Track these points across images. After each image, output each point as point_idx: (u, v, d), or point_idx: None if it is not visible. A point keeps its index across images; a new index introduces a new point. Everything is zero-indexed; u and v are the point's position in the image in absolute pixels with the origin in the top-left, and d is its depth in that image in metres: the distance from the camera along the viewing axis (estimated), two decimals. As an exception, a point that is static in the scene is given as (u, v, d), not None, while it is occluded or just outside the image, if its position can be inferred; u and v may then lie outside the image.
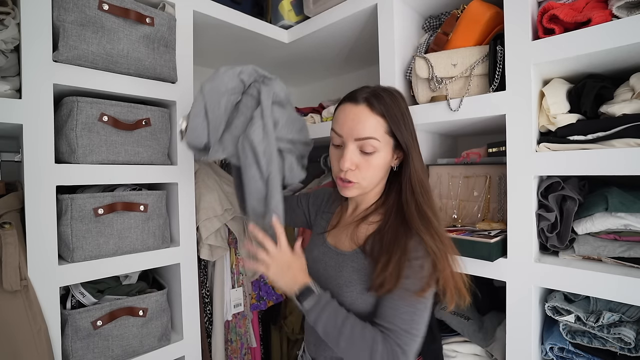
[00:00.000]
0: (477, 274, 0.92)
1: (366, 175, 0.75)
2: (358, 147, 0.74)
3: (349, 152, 0.73)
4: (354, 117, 0.73)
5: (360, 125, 0.72)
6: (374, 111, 0.72)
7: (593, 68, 0.85)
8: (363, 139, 0.72)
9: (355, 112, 0.73)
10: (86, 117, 0.93)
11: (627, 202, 0.78)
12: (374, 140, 0.72)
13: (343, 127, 0.74)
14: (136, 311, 1.01)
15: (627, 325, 0.76)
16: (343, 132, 0.74)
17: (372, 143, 0.72)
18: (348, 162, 0.73)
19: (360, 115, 0.73)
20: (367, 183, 0.76)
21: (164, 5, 1.10)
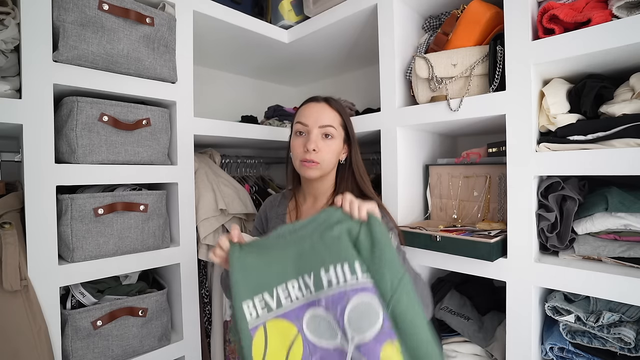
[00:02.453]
0: (477, 274, 0.92)
1: (325, 157, 0.91)
2: (321, 132, 0.91)
3: (314, 135, 0.90)
4: (317, 110, 0.93)
5: (323, 115, 0.92)
6: (332, 107, 0.94)
7: (593, 68, 0.85)
8: (325, 126, 0.91)
9: (318, 107, 0.94)
10: (86, 117, 0.93)
11: (627, 202, 0.78)
12: (333, 128, 0.92)
13: (309, 118, 0.92)
14: (136, 311, 1.01)
15: (627, 325, 0.76)
16: (309, 121, 0.91)
17: (330, 130, 0.91)
18: (313, 144, 0.89)
19: (322, 109, 0.93)
20: (326, 165, 0.92)
21: (164, 5, 1.10)
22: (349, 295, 0.60)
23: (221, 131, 1.26)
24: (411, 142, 1.15)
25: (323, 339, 0.62)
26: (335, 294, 0.61)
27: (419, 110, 1.05)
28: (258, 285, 0.64)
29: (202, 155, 1.44)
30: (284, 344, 0.63)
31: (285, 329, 0.63)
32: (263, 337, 0.63)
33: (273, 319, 0.64)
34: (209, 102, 1.73)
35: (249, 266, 0.66)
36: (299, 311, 0.64)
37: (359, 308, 0.59)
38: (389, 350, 0.56)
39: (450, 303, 1.08)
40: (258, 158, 1.76)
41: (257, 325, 0.63)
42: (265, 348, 0.62)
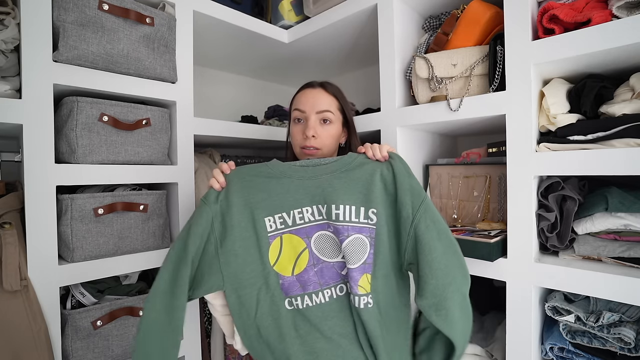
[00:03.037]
0: (477, 274, 0.92)
1: (325, 142, 0.91)
2: (318, 118, 0.91)
3: (312, 122, 0.90)
4: (314, 96, 0.92)
5: (320, 101, 0.91)
6: (328, 92, 0.93)
7: (593, 68, 0.85)
8: (322, 111, 0.90)
9: (314, 92, 0.93)
10: (86, 117, 0.93)
11: (627, 202, 0.78)
12: (330, 112, 0.91)
13: (306, 104, 0.92)
14: (136, 311, 1.01)
15: (627, 325, 0.76)
16: (306, 108, 0.91)
17: (328, 115, 0.91)
18: (312, 130, 0.89)
19: (318, 94, 0.92)
20: (326, 150, 0.92)
21: (164, 5, 1.10)
22: (349, 231, 0.75)
23: (221, 131, 1.26)
24: (411, 142, 1.15)
25: (325, 255, 0.79)
26: (340, 226, 0.75)
27: (419, 110, 1.05)
28: (277, 207, 0.79)
29: (202, 155, 1.44)
30: (295, 253, 0.79)
31: (296, 242, 0.79)
32: (279, 245, 0.79)
33: (288, 233, 0.79)
34: (209, 102, 1.73)
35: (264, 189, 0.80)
36: (309, 230, 0.79)
37: (353, 242, 0.75)
38: (366, 277, 0.74)
39: (450, 303, 1.08)
40: (258, 158, 1.76)
41: (275, 235, 0.79)
42: (279, 253, 0.79)
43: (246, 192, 0.80)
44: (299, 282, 0.78)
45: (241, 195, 0.79)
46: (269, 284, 0.77)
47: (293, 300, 0.78)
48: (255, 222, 0.78)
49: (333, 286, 0.78)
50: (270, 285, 0.77)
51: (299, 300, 0.78)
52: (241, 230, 0.78)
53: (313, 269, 0.79)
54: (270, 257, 0.78)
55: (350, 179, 0.78)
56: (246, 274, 0.77)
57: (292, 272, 0.79)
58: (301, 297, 0.78)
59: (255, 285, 0.77)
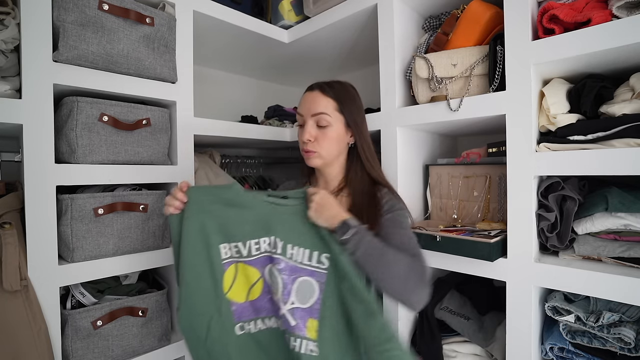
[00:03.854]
0: (477, 273, 0.92)
1: (323, 145, 0.90)
2: (315, 121, 0.90)
3: (308, 126, 0.90)
4: (310, 99, 0.91)
5: (315, 104, 0.90)
6: (325, 94, 0.90)
7: (593, 68, 0.85)
8: (317, 114, 0.89)
9: (311, 96, 0.92)
10: (86, 117, 0.93)
11: (627, 202, 0.78)
12: (326, 115, 0.89)
13: (303, 107, 0.92)
14: (136, 311, 1.01)
15: (627, 325, 0.76)
16: (303, 111, 0.91)
17: (324, 118, 0.89)
18: (307, 134, 0.89)
19: (315, 97, 0.91)
20: (326, 153, 0.91)
21: (164, 5, 1.10)
22: (301, 272, 0.78)
23: (221, 131, 1.26)
24: (411, 142, 1.15)
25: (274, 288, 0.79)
26: (293, 265, 0.78)
27: (419, 110, 1.05)
28: (236, 235, 0.80)
29: (202, 155, 1.44)
30: (249, 282, 0.81)
31: (251, 273, 0.81)
32: (234, 272, 0.80)
33: (242, 263, 0.81)
34: (209, 102, 1.73)
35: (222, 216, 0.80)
36: (264, 260, 0.80)
37: (305, 284, 0.77)
38: (312, 323, 0.76)
39: (450, 303, 1.08)
40: (258, 158, 1.76)
41: (229, 262, 0.80)
42: (234, 279, 0.80)
43: (202, 217, 0.79)
44: (252, 307, 0.80)
45: (197, 220, 0.79)
46: (221, 311, 0.78)
47: (245, 324, 0.79)
48: (210, 248, 0.78)
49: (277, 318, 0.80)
50: (222, 312, 0.78)
51: (252, 325, 0.80)
52: (195, 256, 0.78)
53: (267, 296, 0.81)
54: (224, 284, 0.79)
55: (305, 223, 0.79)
56: (197, 302, 0.78)
57: (246, 297, 0.81)
58: (254, 321, 0.80)
59: (207, 314, 0.77)
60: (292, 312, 0.76)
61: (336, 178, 0.96)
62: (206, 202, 0.80)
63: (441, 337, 1.06)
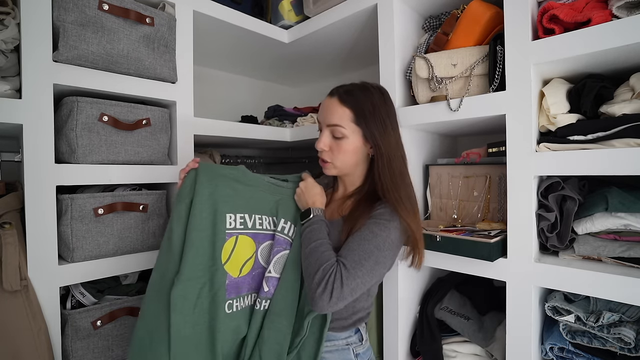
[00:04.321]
0: (477, 273, 0.92)
1: (338, 156, 0.87)
2: (330, 132, 0.87)
3: (324, 136, 0.88)
4: (327, 107, 0.88)
5: (330, 114, 0.86)
6: (343, 103, 0.85)
7: (593, 68, 0.85)
8: (332, 125, 0.86)
9: (328, 103, 0.88)
10: (86, 117, 0.93)
11: (627, 202, 0.78)
12: (341, 127, 0.85)
13: (320, 115, 0.90)
14: (136, 311, 1.01)
15: (627, 325, 0.76)
16: (320, 119, 0.90)
17: (339, 130, 0.85)
18: (321, 144, 0.87)
19: (331, 106, 0.87)
20: (340, 164, 0.88)
21: (164, 5, 1.10)
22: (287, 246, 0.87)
23: (221, 131, 1.26)
24: (411, 142, 1.15)
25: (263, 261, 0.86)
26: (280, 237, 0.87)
27: (419, 110, 1.05)
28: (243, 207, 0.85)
29: (202, 155, 1.44)
30: (245, 255, 0.84)
31: (249, 245, 0.85)
32: (233, 244, 0.82)
33: (245, 234, 0.84)
34: (209, 102, 1.73)
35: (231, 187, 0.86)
36: (263, 237, 0.86)
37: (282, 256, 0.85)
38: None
39: (450, 303, 1.08)
40: (258, 158, 1.76)
41: (232, 233, 0.82)
42: (231, 252, 0.82)
43: (213, 185, 0.83)
44: (239, 285, 0.83)
45: (207, 187, 0.82)
46: (213, 281, 0.78)
47: (234, 302, 0.81)
48: (216, 215, 0.81)
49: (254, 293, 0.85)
50: (215, 283, 0.78)
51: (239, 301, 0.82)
52: (201, 220, 0.79)
53: (252, 273, 0.85)
54: (223, 253, 0.80)
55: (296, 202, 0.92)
56: (194, 266, 0.77)
57: (239, 272, 0.83)
58: (237, 299, 0.82)
59: (200, 280, 0.77)
60: (267, 280, 0.83)
61: (354, 185, 0.94)
62: (217, 174, 0.86)
63: (441, 337, 1.06)
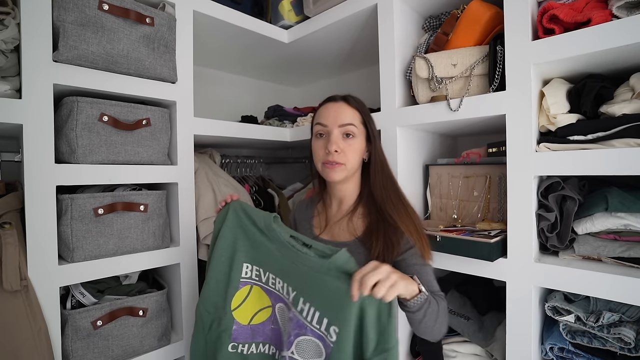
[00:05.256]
0: (477, 274, 0.92)
1: (349, 156, 0.87)
2: (341, 132, 0.88)
3: (335, 136, 0.87)
4: (336, 109, 0.89)
5: (342, 114, 0.88)
6: (351, 105, 0.90)
7: (593, 68, 0.85)
8: (345, 125, 0.87)
9: (336, 106, 0.90)
10: (86, 117, 0.93)
11: (627, 202, 0.78)
12: (353, 126, 0.88)
13: (328, 118, 0.89)
14: (136, 311, 1.01)
15: (627, 325, 0.76)
16: (328, 122, 0.88)
17: (351, 129, 0.87)
18: (335, 145, 0.86)
19: (341, 108, 0.89)
20: (350, 165, 0.88)
21: (164, 5, 1.10)
22: (307, 331, 0.72)
23: (221, 131, 1.26)
24: (411, 142, 1.15)
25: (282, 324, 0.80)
26: (300, 319, 0.73)
27: (419, 110, 1.05)
28: (260, 261, 0.82)
29: (202, 155, 1.44)
30: (259, 305, 0.82)
31: (263, 298, 0.82)
32: (246, 293, 0.82)
33: (259, 286, 0.83)
34: (209, 102, 1.73)
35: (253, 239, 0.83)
36: (276, 297, 0.81)
37: (310, 344, 0.72)
38: None
39: (450, 303, 1.08)
40: (258, 158, 1.76)
41: (246, 282, 0.82)
42: (243, 300, 0.82)
43: (239, 231, 0.84)
44: (252, 331, 0.83)
45: (232, 231, 0.84)
46: (221, 322, 0.83)
47: (240, 345, 0.82)
48: (233, 262, 0.83)
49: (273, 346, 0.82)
50: (222, 324, 0.83)
51: (245, 347, 0.82)
52: (219, 263, 0.84)
53: (270, 325, 0.82)
54: (234, 301, 0.83)
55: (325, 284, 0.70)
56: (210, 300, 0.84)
57: (249, 321, 0.83)
58: (249, 344, 0.82)
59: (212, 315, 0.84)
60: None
61: (351, 196, 0.93)
62: (245, 220, 0.85)
63: (441, 337, 1.06)
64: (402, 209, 0.85)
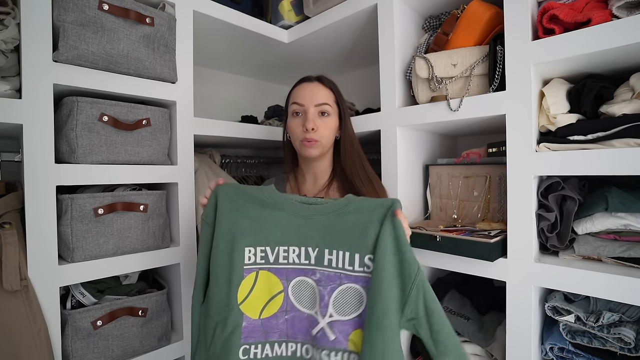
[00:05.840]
0: (477, 273, 0.92)
1: (324, 134, 0.93)
2: (317, 111, 0.93)
3: (311, 114, 0.92)
4: (312, 89, 0.95)
5: (318, 94, 0.94)
6: (325, 85, 0.97)
7: (593, 68, 0.85)
8: (321, 104, 0.94)
9: (312, 86, 0.96)
10: (86, 117, 0.93)
11: (627, 202, 0.78)
12: (328, 105, 0.94)
13: (304, 97, 0.94)
14: (136, 311, 1.01)
15: (627, 325, 0.76)
16: (305, 101, 0.93)
17: (326, 108, 0.94)
18: (311, 123, 0.91)
19: (316, 88, 0.96)
20: (325, 142, 0.94)
21: (164, 5, 1.10)
22: (343, 279, 0.69)
23: (221, 131, 1.26)
24: (411, 142, 1.15)
25: (301, 304, 0.72)
26: (332, 272, 0.70)
27: (419, 110, 1.05)
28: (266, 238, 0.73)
29: (202, 155, 1.44)
30: (268, 294, 0.73)
31: (273, 283, 0.73)
32: (253, 281, 0.73)
33: (266, 270, 0.73)
34: (209, 102, 1.73)
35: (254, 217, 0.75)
36: (290, 273, 0.73)
37: (348, 293, 0.69)
38: (357, 334, 0.67)
39: (450, 303, 1.08)
40: (258, 158, 1.76)
41: (251, 269, 0.73)
42: (250, 290, 0.73)
43: (234, 215, 0.74)
44: (264, 327, 0.72)
45: (228, 218, 0.74)
46: (226, 323, 0.71)
47: (251, 348, 0.71)
48: (234, 250, 0.73)
49: (300, 342, 0.72)
50: (228, 324, 0.71)
51: (259, 349, 0.71)
52: (218, 254, 0.73)
53: (284, 316, 0.73)
54: (239, 293, 0.72)
55: (346, 222, 0.71)
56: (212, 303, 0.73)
57: (259, 314, 0.73)
58: (262, 344, 0.72)
59: (214, 319, 0.72)
60: (331, 326, 0.68)
61: (326, 172, 1.00)
62: (240, 201, 0.76)
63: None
64: (368, 183, 0.94)
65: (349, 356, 0.67)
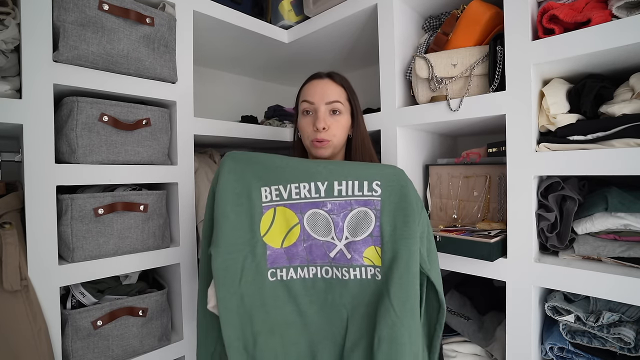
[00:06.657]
0: (477, 273, 0.92)
1: (336, 133, 0.90)
2: (328, 109, 0.90)
3: (322, 113, 0.89)
4: (322, 87, 0.91)
5: (329, 91, 0.90)
6: (336, 82, 0.93)
7: (593, 68, 0.85)
8: (332, 102, 0.90)
9: (322, 83, 0.92)
10: (86, 117, 0.93)
11: (627, 202, 0.78)
12: (339, 103, 0.90)
13: (314, 95, 0.90)
14: (136, 311, 1.01)
15: (627, 325, 0.76)
16: (315, 99, 0.90)
17: (338, 106, 0.90)
18: (322, 122, 0.88)
19: (327, 85, 0.91)
20: (337, 141, 0.91)
21: (164, 5, 1.10)
22: (353, 205, 0.76)
23: (221, 131, 1.26)
24: (411, 142, 1.15)
25: (317, 233, 0.79)
26: (342, 201, 0.77)
27: (419, 110, 1.05)
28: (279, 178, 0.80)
29: (202, 155, 1.44)
30: (286, 226, 0.80)
31: (289, 216, 0.80)
32: (272, 216, 0.80)
33: (282, 206, 0.80)
34: (209, 102, 1.73)
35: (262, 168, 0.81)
36: (304, 206, 0.79)
37: (358, 216, 0.76)
38: (371, 251, 0.75)
39: (450, 303, 1.08)
40: (258, 158, 1.76)
41: (269, 206, 0.80)
42: (271, 224, 0.80)
43: (246, 163, 0.81)
44: (287, 255, 0.80)
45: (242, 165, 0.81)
46: (255, 252, 0.79)
47: (278, 271, 0.80)
48: (251, 190, 0.80)
49: (319, 265, 0.80)
50: (257, 254, 0.79)
51: (284, 272, 0.80)
52: (235, 196, 0.79)
53: (302, 244, 0.80)
54: (261, 227, 0.80)
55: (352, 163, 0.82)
56: (234, 239, 0.78)
57: (281, 244, 0.81)
58: (287, 268, 0.80)
59: (242, 252, 0.78)
60: (348, 247, 0.77)
61: None
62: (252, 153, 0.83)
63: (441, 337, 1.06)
64: None
65: (366, 269, 0.76)
